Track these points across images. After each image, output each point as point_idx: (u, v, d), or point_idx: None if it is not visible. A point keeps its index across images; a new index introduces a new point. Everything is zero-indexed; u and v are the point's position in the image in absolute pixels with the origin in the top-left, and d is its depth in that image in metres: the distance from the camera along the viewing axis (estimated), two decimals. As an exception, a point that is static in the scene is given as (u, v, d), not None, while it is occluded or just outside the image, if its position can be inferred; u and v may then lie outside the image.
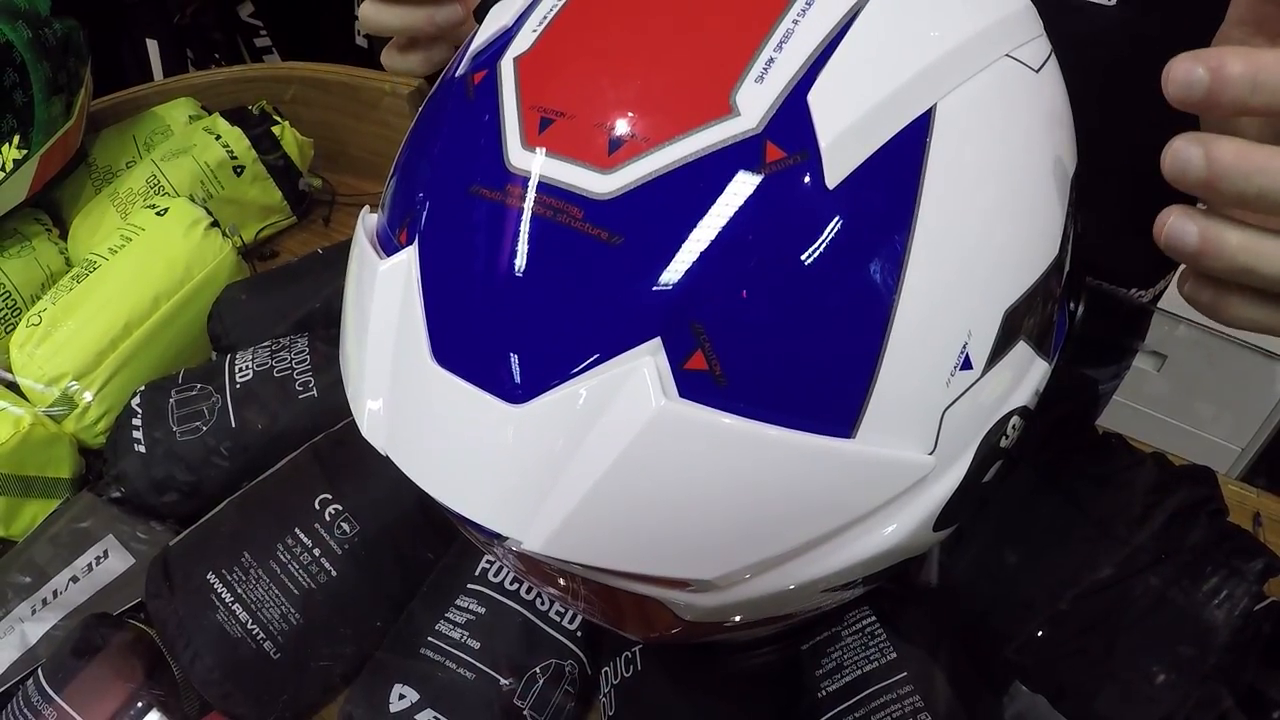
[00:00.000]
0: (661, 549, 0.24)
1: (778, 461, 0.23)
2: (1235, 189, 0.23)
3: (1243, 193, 0.23)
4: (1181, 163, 0.24)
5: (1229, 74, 0.23)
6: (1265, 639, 0.36)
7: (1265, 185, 0.23)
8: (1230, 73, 0.23)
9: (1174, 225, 0.25)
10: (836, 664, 0.38)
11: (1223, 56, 0.23)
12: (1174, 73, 0.24)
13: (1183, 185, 0.24)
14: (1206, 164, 0.23)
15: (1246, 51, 0.23)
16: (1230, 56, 0.23)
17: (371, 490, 0.46)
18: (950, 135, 0.24)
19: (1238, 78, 0.23)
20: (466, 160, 0.26)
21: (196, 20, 1.12)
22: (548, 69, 0.26)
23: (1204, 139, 0.24)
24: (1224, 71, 0.23)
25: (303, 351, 0.55)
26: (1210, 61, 0.23)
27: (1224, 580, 0.37)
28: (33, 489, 0.55)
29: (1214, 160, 0.23)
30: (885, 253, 0.23)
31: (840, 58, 0.24)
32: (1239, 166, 0.23)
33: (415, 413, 0.26)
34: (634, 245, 0.23)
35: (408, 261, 0.26)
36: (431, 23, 0.41)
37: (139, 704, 0.42)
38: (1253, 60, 0.23)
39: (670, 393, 0.23)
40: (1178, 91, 0.24)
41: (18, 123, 0.64)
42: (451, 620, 0.43)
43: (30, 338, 0.58)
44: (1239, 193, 0.23)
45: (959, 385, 0.25)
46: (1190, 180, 0.24)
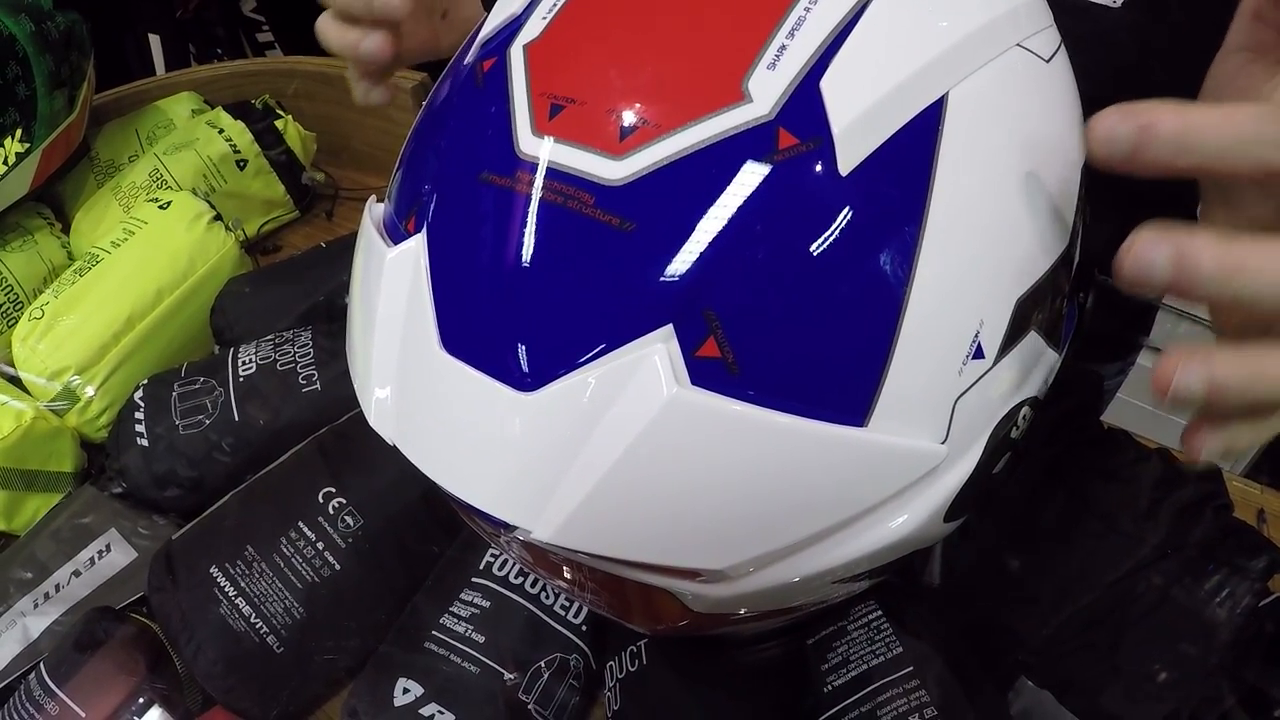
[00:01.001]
0: (672, 538, 0.24)
1: (790, 450, 0.23)
2: (1212, 294, 0.21)
3: (1219, 297, 0.21)
4: (1144, 266, 0.21)
5: (1156, 134, 0.21)
6: (1268, 637, 0.36)
7: (1250, 289, 0.21)
8: (1157, 132, 0.21)
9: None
10: (842, 658, 0.38)
11: (1150, 114, 0.21)
12: (1096, 129, 0.22)
13: (1147, 292, 0.21)
14: (1175, 269, 0.21)
15: (1177, 108, 0.21)
16: (1159, 114, 0.21)
17: (375, 483, 0.46)
18: (962, 123, 0.24)
19: (1165, 138, 0.21)
20: (476, 147, 0.26)
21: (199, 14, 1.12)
22: (558, 56, 0.26)
23: (1174, 236, 0.21)
24: (1150, 131, 0.21)
25: (306, 345, 0.55)
26: (1138, 118, 0.21)
27: (1227, 578, 0.36)
28: (35, 483, 0.55)
29: (1185, 263, 0.21)
30: (897, 240, 0.23)
31: (853, 45, 0.24)
32: (1218, 269, 0.21)
33: (423, 402, 0.26)
34: (645, 231, 0.23)
35: (416, 249, 0.26)
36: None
37: (141, 698, 0.42)
38: (1182, 119, 0.21)
39: (682, 380, 0.22)
40: (1100, 149, 0.22)
41: (20, 116, 0.64)
42: (456, 614, 0.43)
43: (32, 331, 0.58)
44: (1216, 298, 0.21)
45: (971, 375, 0.25)
46: (1156, 287, 0.21)
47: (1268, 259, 0.21)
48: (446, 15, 0.43)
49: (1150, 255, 0.21)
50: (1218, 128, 0.21)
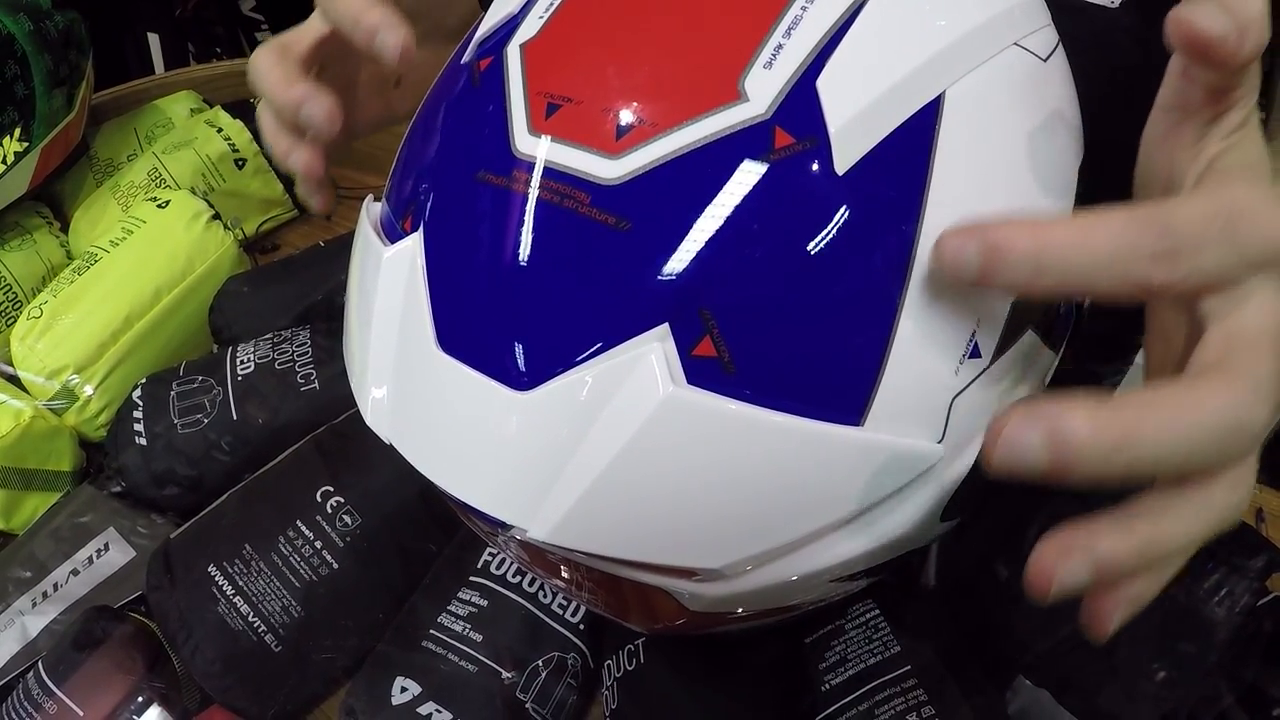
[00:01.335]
0: (668, 537, 0.24)
1: (786, 449, 0.23)
2: (1099, 475, 0.19)
3: (1109, 476, 0.19)
4: (1016, 453, 0.19)
5: (1006, 256, 0.20)
6: (1266, 636, 0.36)
7: (1141, 462, 0.19)
8: (1007, 255, 0.20)
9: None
10: (840, 657, 0.38)
11: (999, 232, 0.20)
12: (943, 247, 0.21)
13: (1023, 477, 0.19)
14: (1050, 453, 0.18)
15: (1031, 226, 0.20)
16: (1009, 232, 0.20)
17: (373, 483, 0.46)
18: (959, 122, 0.24)
19: (1016, 260, 0.20)
20: (472, 146, 0.26)
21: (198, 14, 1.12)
22: (554, 55, 0.26)
23: (1046, 413, 0.19)
24: (999, 253, 0.20)
25: (304, 344, 0.55)
26: (986, 237, 0.20)
27: (1225, 577, 0.36)
28: (33, 482, 0.55)
29: (1061, 446, 0.18)
30: (894, 239, 0.23)
31: (849, 44, 0.24)
32: (1101, 448, 0.18)
33: (419, 400, 0.26)
34: (642, 230, 0.23)
35: (413, 248, 0.26)
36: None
37: (140, 697, 0.42)
38: (1035, 238, 0.20)
39: (678, 379, 0.22)
40: (949, 270, 0.21)
41: (19, 115, 0.64)
42: (453, 613, 0.43)
43: (31, 331, 0.58)
44: (1105, 478, 0.19)
45: (968, 374, 0.25)
46: (1031, 473, 0.19)
47: (1157, 425, 0.19)
48: (400, 83, 0.42)
49: (1021, 439, 0.19)
50: (1076, 247, 0.20)
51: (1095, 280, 0.20)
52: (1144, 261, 0.19)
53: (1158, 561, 0.21)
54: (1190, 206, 0.20)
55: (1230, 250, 0.20)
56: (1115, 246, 0.19)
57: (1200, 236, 0.19)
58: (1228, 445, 0.20)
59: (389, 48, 0.31)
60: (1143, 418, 0.19)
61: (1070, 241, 0.20)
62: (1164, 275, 0.19)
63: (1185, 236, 0.19)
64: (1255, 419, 0.19)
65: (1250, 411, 0.19)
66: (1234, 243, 0.20)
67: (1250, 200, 0.20)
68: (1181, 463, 0.20)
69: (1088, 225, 0.20)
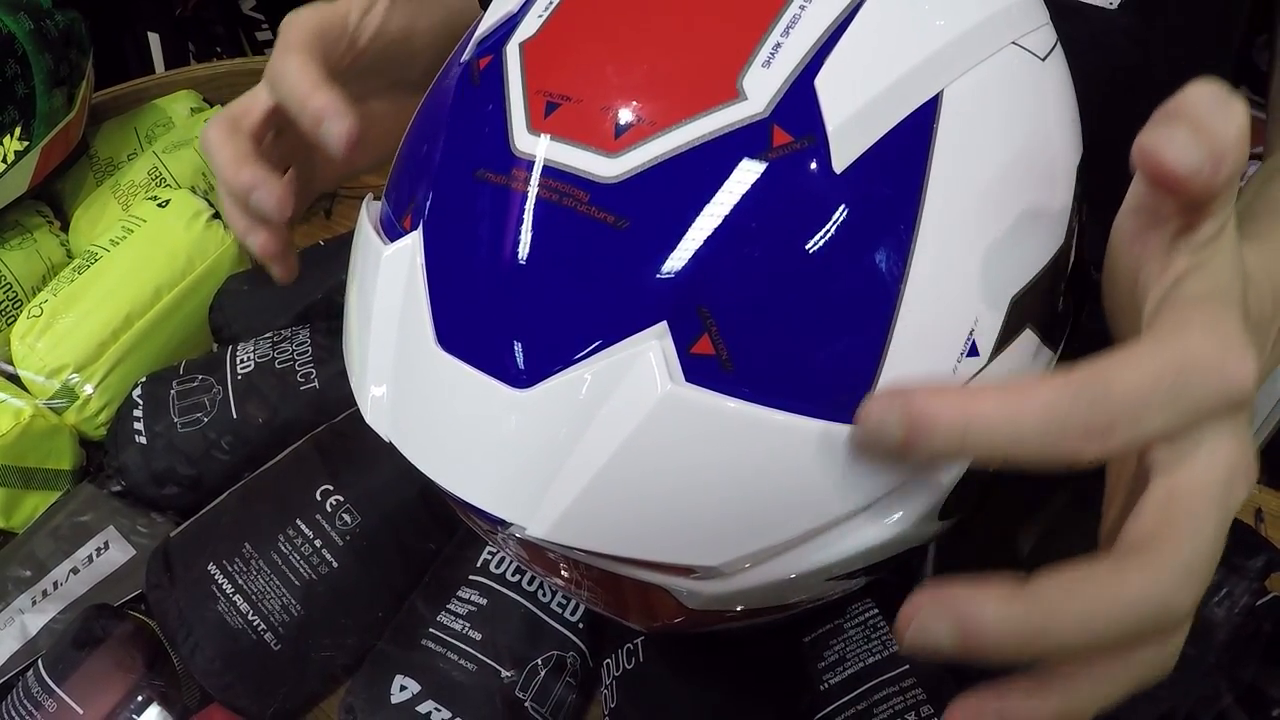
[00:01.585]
0: (666, 535, 0.24)
1: (784, 447, 0.23)
2: (1010, 658, 0.18)
3: (1019, 659, 0.19)
4: (926, 639, 0.19)
5: (929, 428, 0.19)
6: (1266, 636, 0.36)
7: (1053, 647, 0.18)
8: (930, 426, 0.19)
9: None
10: (839, 656, 0.38)
11: (924, 402, 0.19)
12: (866, 414, 0.20)
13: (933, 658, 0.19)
14: (960, 640, 0.18)
15: (958, 396, 0.19)
16: (934, 403, 0.19)
17: (373, 481, 0.46)
18: (956, 121, 0.24)
19: (941, 433, 0.19)
20: (472, 145, 0.26)
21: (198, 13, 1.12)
22: (554, 54, 0.26)
23: (955, 602, 0.18)
24: (922, 425, 0.19)
25: (304, 343, 0.55)
26: (910, 407, 0.20)
27: (1224, 577, 0.36)
28: (33, 481, 0.55)
29: (971, 634, 0.18)
30: (892, 237, 0.23)
31: (847, 43, 0.24)
32: (1011, 635, 0.18)
33: (419, 398, 0.26)
34: (640, 229, 0.23)
35: (412, 246, 0.26)
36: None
37: (139, 696, 0.42)
38: (962, 410, 0.19)
39: (676, 377, 0.23)
40: (870, 437, 0.20)
41: (19, 114, 0.64)
42: (453, 611, 0.43)
43: (31, 329, 0.58)
44: (1015, 661, 0.19)
45: (965, 372, 0.25)
46: (945, 657, 0.18)
47: (1072, 615, 0.18)
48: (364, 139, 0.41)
49: (931, 628, 0.19)
50: (1003, 421, 0.19)
51: (1023, 454, 0.19)
52: (1075, 438, 0.19)
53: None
54: (1133, 370, 0.19)
55: (1175, 411, 0.19)
56: (1045, 422, 0.19)
57: (1142, 405, 0.19)
58: (1146, 631, 0.19)
59: (332, 137, 0.31)
60: (1057, 608, 0.18)
61: (997, 415, 0.19)
62: (1096, 450, 0.19)
63: (1124, 408, 0.19)
64: (1179, 604, 0.19)
65: (1174, 597, 0.19)
66: (1181, 403, 0.19)
67: (1205, 349, 0.19)
68: (1096, 650, 0.19)
69: (1018, 397, 0.19)
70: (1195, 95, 0.19)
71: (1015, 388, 0.19)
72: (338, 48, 0.35)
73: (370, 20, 0.36)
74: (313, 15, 0.34)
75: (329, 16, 0.35)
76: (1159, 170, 0.19)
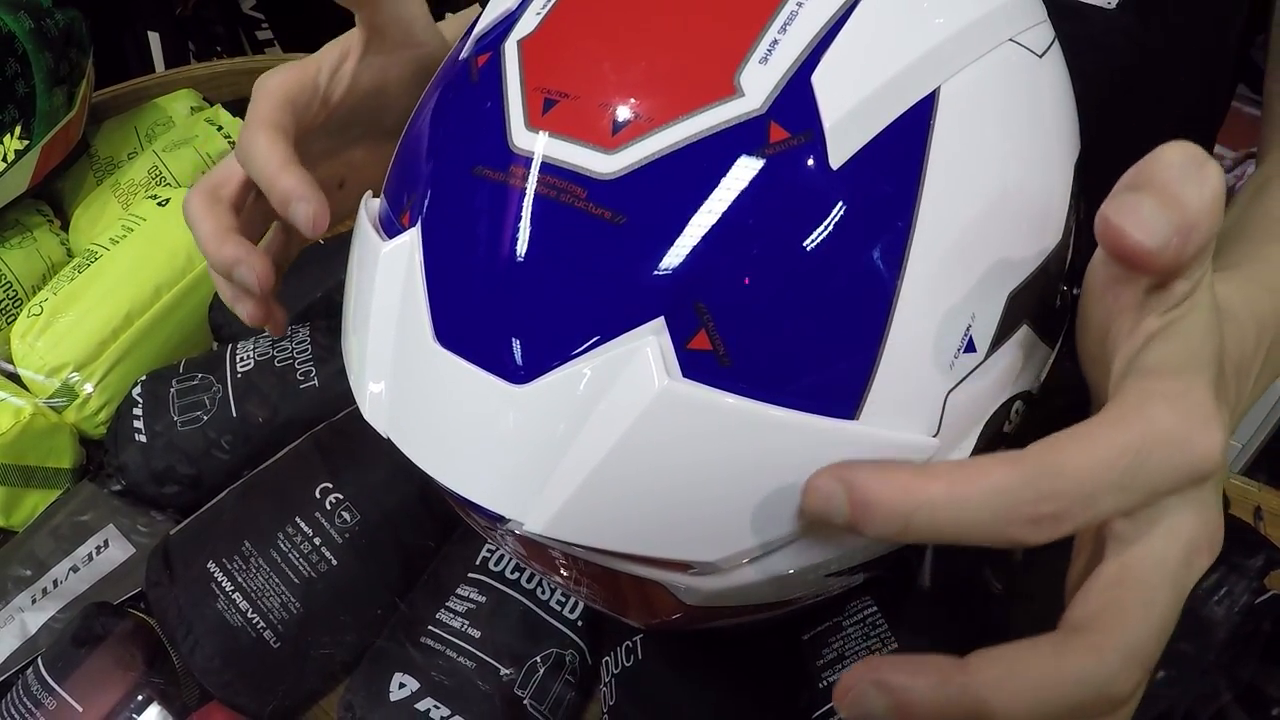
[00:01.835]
0: (664, 530, 0.24)
1: (781, 442, 0.23)
2: None
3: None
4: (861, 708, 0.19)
5: (876, 509, 0.19)
6: (1265, 635, 0.36)
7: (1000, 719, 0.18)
8: (878, 508, 0.19)
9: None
10: (838, 654, 0.38)
11: (868, 486, 0.19)
12: (811, 491, 0.20)
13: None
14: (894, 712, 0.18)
15: (904, 479, 0.19)
16: (880, 486, 0.19)
17: (372, 479, 0.46)
18: (954, 118, 0.24)
19: (886, 514, 0.19)
20: (470, 142, 0.26)
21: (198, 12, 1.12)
22: (552, 51, 0.26)
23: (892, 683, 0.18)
24: (869, 507, 0.19)
25: (304, 341, 0.55)
26: (855, 489, 0.19)
27: (1224, 576, 0.36)
28: (33, 479, 0.55)
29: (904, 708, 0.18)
30: (889, 234, 0.23)
31: (844, 40, 0.24)
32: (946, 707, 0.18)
33: (417, 395, 0.26)
34: (637, 225, 0.23)
35: (410, 243, 0.26)
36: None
37: (139, 694, 0.42)
38: (909, 492, 0.18)
39: (674, 372, 0.23)
40: (816, 514, 0.20)
41: (19, 113, 0.64)
42: (452, 609, 0.43)
43: (31, 328, 0.58)
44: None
45: (962, 368, 0.25)
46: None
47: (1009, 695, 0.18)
48: (344, 185, 0.41)
49: (867, 700, 0.19)
50: (948, 506, 0.18)
51: (968, 539, 0.19)
52: (1020, 526, 0.18)
53: None
54: (1089, 454, 0.18)
55: (1131, 494, 0.19)
56: (993, 508, 0.18)
57: (1094, 490, 0.18)
58: (1086, 712, 0.19)
59: (301, 218, 0.32)
60: (995, 688, 0.18)
61: (943, 500, 0.18)
62: (1044, 536, 0.18)
63: (1076, 493, 0.18)
64: (1119, 690, 0.18)
65: (1115, 683, 0.18)
66: (1137, 484, 0.19)
67: (1167, 425, 0.19)
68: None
69: (966, 483, 0.18)
70: (1165, 161, 0.19)
71: (965, 470, 0.19)
72: (310, 108, 0.36)
73: (340, 78, 0.37)
74: (281, 82, 0.35)
75: (299, 79, 0.35)
76: (1121, 246, 0.19)
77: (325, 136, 0.38)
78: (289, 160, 0.33)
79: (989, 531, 0.18)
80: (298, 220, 0.32)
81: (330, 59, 0.37)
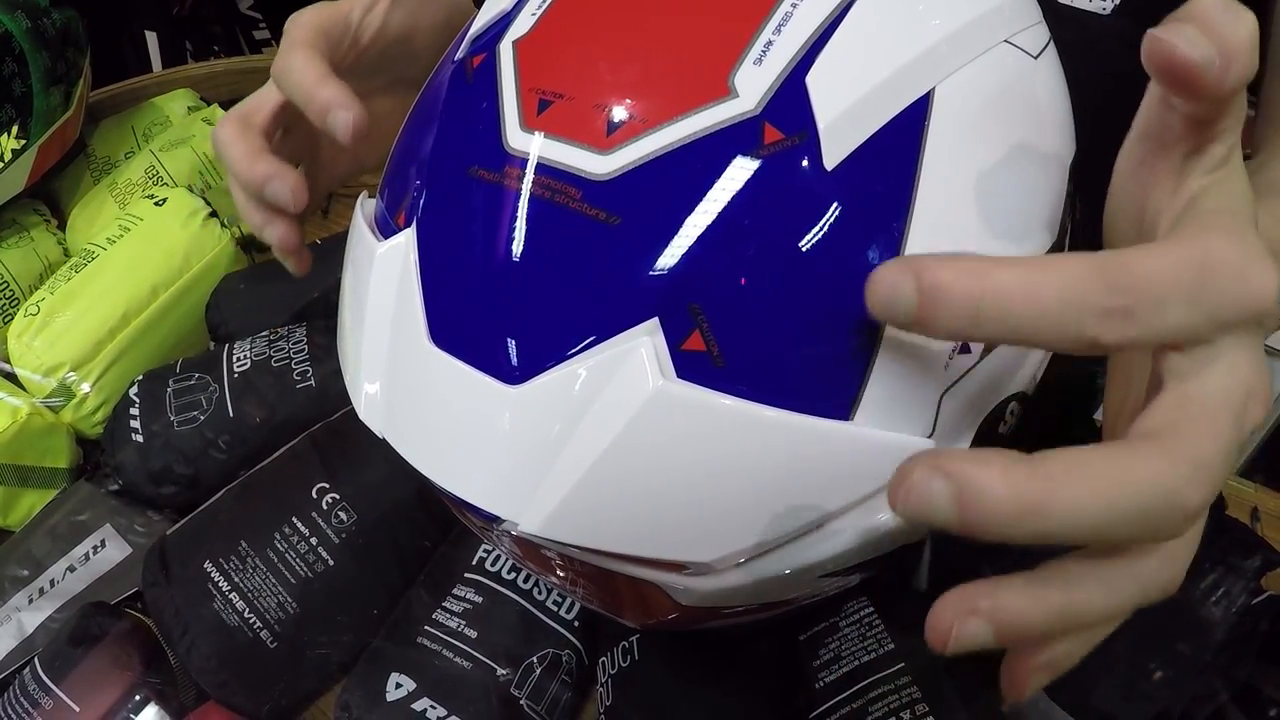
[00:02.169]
0: (658, 531, 0.24)
1: (775, 443, 0.23)
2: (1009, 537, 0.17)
3: (1014, 537, 0.17)
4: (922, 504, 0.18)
5: (944, 299, 0.18)
6: (1262, 636, 0.36)
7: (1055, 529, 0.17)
8: (946, 297, 0.18)
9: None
10: (834, 654, 0.38)
11: (940, 271, 0.18)
12: (876, 283, 0.19)
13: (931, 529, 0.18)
14: (957, 508, 0.17)
15: (976, 268, 0.18)
16: (951, 273, 0.18)
17: (369, 479, 0.46)
18: (948, 118, 0.24)
19: (955, 305, 0.18)
20: (465, 142, 0.26)
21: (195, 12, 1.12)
22: (547, 52, 0.26)
23: (956, 467, 0.17)
24: (937, 295, 0.18)
25: (301, 341, 0.55)
26: (925, 276, 0.18)
27: (1222, 577, 0.37)
28: (30, 479, 0.55)
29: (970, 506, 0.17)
30: (883, 234, 0.23)
31: (839, 41, 0.24)
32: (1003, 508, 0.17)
33: (412, 395, 0.26)
34: (632, 225, 0.23)
35: (405, 244, 0.26)
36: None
37: (136, 694, 0.42)
38: (979, 282, 0.18)
39: (668, 373, 0.23)
40: (880, 308, 0.19)
41: (16, 113, 0.64)
42: (449, 609, 0.43)
43: (28, 328, 0.58)
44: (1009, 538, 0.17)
45: (957, 369, 0.25)
46: (937, 526, 0.18)
47: (1076, 493, 0.17)
48: (369, 137, 0.42)
49: (927, 491, 0.17)
50: (1021, 296, 0.18)
51: (1039, 334, 0.18)
52: (1094, 318, 0.18)
53: (1075, 629, 0.20)
54: (1157, 258, 0.18)
55: (1196, 310, 0.18)
56: (1064, 299, 0.18)
57: (1163, 293, 0.18)
58: (1153, 523, 0.18)
59: (340, 126, 0.32)
60: (1061, 484, 0.17)
61: (1015, 289, 0.18)
62: (1115, 335, 0.18)
63: (1145, 293, 0.18)
64: (1188, 499, 0.18)
65: (1184, 491, 0.18)
66: (1202, 302, 0.18)
67: (1228, 253, 0.18)
68: (1098, 535, 0.18)
69: (1038, 271, 0.18)
70: (1204, 3, 0.19)
71: (1035, 262, 0.18)
72: (341, 45, 0.36)
73: (372, 19, 0.37)
74: (316, 14, 0.35)
75: (332, 15, 0.36)
76: (1169, 62, 0.19)
77: (353, 80, 0.38)
78: (327, 73, 0.33)
79: (1060, 323, 0.18)
80: (336, 128, 0.32)
81: (363, 1, 0.37)
